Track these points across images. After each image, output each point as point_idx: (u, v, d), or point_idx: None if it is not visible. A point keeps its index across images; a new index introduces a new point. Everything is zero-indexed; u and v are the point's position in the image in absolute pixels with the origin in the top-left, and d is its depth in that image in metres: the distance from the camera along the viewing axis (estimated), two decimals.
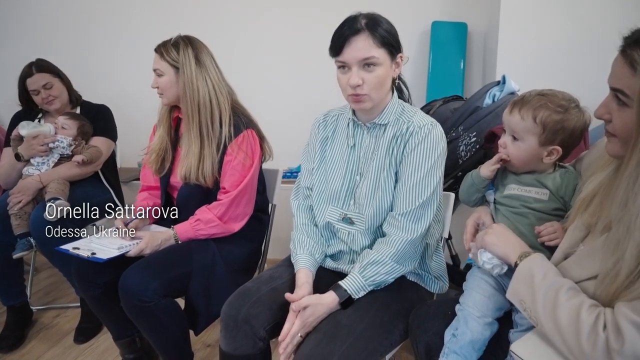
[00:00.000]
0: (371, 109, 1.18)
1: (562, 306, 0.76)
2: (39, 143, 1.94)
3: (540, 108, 1.00)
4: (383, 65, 1.12)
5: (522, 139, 1.04)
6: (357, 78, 1.10)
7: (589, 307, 0.74)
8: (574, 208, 0.93)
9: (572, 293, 0.78)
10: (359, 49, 1.10)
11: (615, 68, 0.76)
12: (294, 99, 2.78)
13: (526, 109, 1.01)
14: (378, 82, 1.12)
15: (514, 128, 1.04)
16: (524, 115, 1.01)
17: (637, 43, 0.72)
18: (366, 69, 1.11)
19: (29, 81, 2.02)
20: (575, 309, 0.75)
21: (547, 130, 1.00)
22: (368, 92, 1.12)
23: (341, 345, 1.02)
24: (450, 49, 2.45)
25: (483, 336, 0.99)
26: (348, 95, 1.15)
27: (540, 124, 1.00)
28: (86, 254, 1.35)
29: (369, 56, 1.09)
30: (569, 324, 0.75)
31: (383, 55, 1.11)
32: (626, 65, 0.73)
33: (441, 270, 1.32)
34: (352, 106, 1.20)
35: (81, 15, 2.95)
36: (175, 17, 2.83)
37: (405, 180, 1.16)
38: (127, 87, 2.94)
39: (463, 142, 1.59)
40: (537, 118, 1.00)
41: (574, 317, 0.74)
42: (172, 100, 1.52)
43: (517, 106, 1.03)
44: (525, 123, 1.02)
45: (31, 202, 1.92)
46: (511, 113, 1.04)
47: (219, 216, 1.47)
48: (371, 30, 1.10)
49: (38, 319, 2.16)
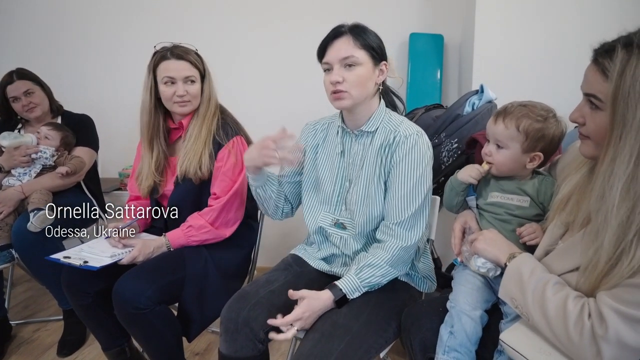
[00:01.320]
0: (353, 109, 1.23)
1: (549, 300, 0.83)
2: (21, 154, 1.91)
3: (522, 117, 1.09)
4: (364, 66, 1.18)
5: (506, 147, 1.12)
6: (337, 75, 1.17)
7: (574, 298, 0.81)
8: (553, 208, 1.01)
9: (558, 287, 0.85)
10: (339, 49, 1.18)
11: (588, 75, 0.84)
12: (277, 107, 2.81)
13: (509, 118, 1.10)
14: (358, 81, 1.18)
15: (498, 137, 1.12)
16: (508, 124, 1.10)
17: (607, 53, 0.80)
18: (347, 68, 1.18)
19: (10, 88, 1.99)
20: (562, 301, 0.81)
21: (529, 138, 1.09)
22: (348, 89, 1.18)
23: (339, 343, 1.06)
24: (428, 59, 2.54)
25: (477, 330, 1.05)
26: (330, 94, 1.21)
27: (523, 132, 1.08)
28: (78, 263, 1.35)
29: (349, 55, 1.17)
30: (557, 315, 0.81)
31: (363, 56, 1.18)
32: (598, 73, 0.81)
33: (429, 270, 1.38)
34: (334, 105, 1.24)
35: (60, 26, 2.90)
36: (159, 27, 2.83)
37: (396, 191, 1.21)
38: (104, 96, 2.91)
39: (445, 149, 1.66)
40: (520, 127, 1.08)
41: (561, 309, 0.81)
42: (195, 107, 1.54)
43: (501, 116, 1.11)
44: (509, 131, 1.10)
45: (12, 214, 1.89)
46: (495, 123, 1.12)
47: (211, 222, 1.49)
48: (353, 34, 1.18)
49: (17, 334, 2.10)
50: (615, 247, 0.76)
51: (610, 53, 0.79)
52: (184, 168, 1.48)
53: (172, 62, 1.47)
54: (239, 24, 2.78)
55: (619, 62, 0.76)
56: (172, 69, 1.47)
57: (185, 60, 1.49)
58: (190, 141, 1.50)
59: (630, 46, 0.77)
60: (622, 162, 0.76)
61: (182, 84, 1.47)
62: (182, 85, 1.47)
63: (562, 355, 0.84)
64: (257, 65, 2.80)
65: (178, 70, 1.47)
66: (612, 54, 0.79)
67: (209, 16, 2.80)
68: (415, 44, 2.55)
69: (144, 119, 1.54)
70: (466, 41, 2.42)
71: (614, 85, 0.77)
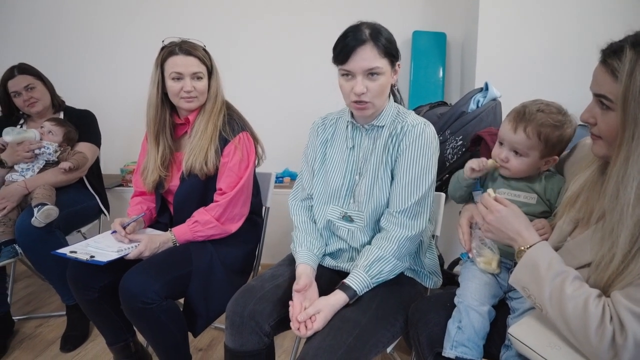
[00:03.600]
0: (372, 114, 1.24)
1: (569, 297, 0.81)
2: (24, 149, 1.91)
3: (544, 126, 1.08)
4: (385, 75, 1.18)
5: (525, 155, 1.11)
6: (361, 86, 1.16)
7: (594, 298, 0.79)
8: (562, 205, 1.01)
9: (577, 284, 0.83)
10: (364, 59, 1.15)
11: (597, 76, 0.85)
12: (278, 106, 2.82)
13: (531, 127, 1.08)
14: (380, 90, 1.19)
15: (517, 146, 1.11)
16: (530, 133, 1.08)
17: (615, 53, 0.81)
18: (370, 77, 1.17)
19: (11, 83, 1.99)
20: (583, 301, 0.79)
21: (549, 145, 1.09)
22: (371, 99, 1.18)
23: (347, 337, 1.06)
24: (431, 57, 2.55)
25: (484, 325, 1.05)
26: (351, 102, 1.21)
27: (544, 141, 1.08)
28: (85, 257, 1.35)
29: (374, 67, 1.15)
30: (576, 315, 0.80)
31: (385, 65, 1.18)
32: (607, 73, 0.82)
33: (434, 266, 1.38)
34: (355, 113, 1.25)
35: (62, 23, 2.91)
36: (161, 25, 2.83)
37: (401, 178, 1.22)
38: (105, 92, 2.91)
39: (450, 146, 1.67)
40: (542, 135, 1.08)
41: (581, 309, 0.79)
42: (202, 103, 1.54)
43: (522, 125, 1.09)
44: (531, 141, 1.09)
45: (16, 209, 1.88)
46: (516, 132, 1.10)
47: (217, 217, 1.49)
48: (375, 41, 1.15)
49: (20, 329, 2.10)
50: (630, 246, 0.77)
51: (618, 53, 0.80)
52: (190, 164, 1.48)
53: (180, 58, 1.47)
54: (243, 20, 2.78)
55: (627, 62, 0.77)
56: (180, 64, 1.47)
57: (194, 56, 1.49)
58: (197, 137, 1.50)
59: (639, 46, 0.77)
60: (636, 161, 0.76)
61: (190, 79, 1.47)
62: (190, 81, 1.47)
63: (571, 348, 0.85)
64: (262, 60, 2.81)
65: (186, 66, 1.47)
66: (621, 54, 0.79)
67: (212, 12, 2.80)
68: (418, 42, 2.56)
69: (150, 114, 1.54)
70: (469, 39, 2.43)
71: (623, 85, 0.77)
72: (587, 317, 0.78)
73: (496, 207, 0.99)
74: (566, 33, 2.12)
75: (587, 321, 0.78)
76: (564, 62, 2.13)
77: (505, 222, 0.98)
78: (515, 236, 0.96)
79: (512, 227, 0.97)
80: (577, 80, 0.92)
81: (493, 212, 0.99)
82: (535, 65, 2.18)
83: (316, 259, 1.31)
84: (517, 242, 0.95)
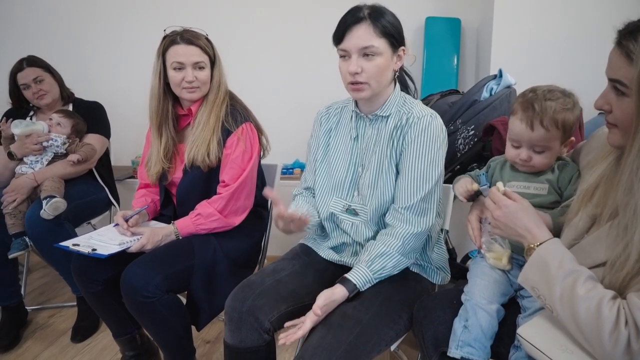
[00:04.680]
0: (371, 99, 1.19)
1: (581, 299, 0.75)
2: (32, 142, 1.92)
3: (558, 113, 1.01)
4: (383, 55, 1.13)
5: (548, 149, 1.04)
6: (355, 66, 1.12)
7: (608, 300, 0.73)
8: (577, 200, 0.93)
9: (590, 284, 0.77)
10: (359, 37, 1.11)
11: (612, 59, 0.78)
12: (289, 96, 2.78)
13: (548, 119, 1.01)
14: (377, 72, 1.13)
15: (539, 142, 1.03)
16: (549, 126, 1.01)
17: (631, 34, 0.74)
18: (366, 57, 1.12)
19: (20, 75, 1.99)
20: (596, 303, 0.74)
21: (567, 130, 1.03)
22: (367, 80, 1.13)
23: (348, 335, 1.03)
24: (444, 44, 2.47)
25: (492, 324, 1.00)
26: (348, 84, 1.16)
27: (562, 128, 1.01)
28: (87, 250, 1.34)
29: (369, 45, 1.11)
30: (589, 317, 0.74)
31: (383, 45, 1.12)
32: (622, 56, 0.75)
33: (442, 261, 1.33)
34: (352, 95, 1.20)
35: (72, 14, 2.91)
36: (170, 15, 2.81)
37: (407, 173, 1.17)
38: (118, 84, 2.91)
39: (461, 136, 1.60)
40: (559, 123, 1.01)
41: (595, 311, 0.73)
42: (204, 93, 1.51)
43: (537, 120, 1.01)
44: (551, 133, 1.02)
45: (25, 201, 1.90)
46: (533, 129, 1.02)
47: (220, 210, 1.47)
48: (373, 20, 1.11)
49: (33, 319, 2.13)
50: None
51: (635, 34, 0.74)
52: (192, 155, 1.45)
53: (182, 47, 1.44)
54: (250, 8, 2.74)
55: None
56: (182, 54, 1.43)
57: (195, 46, 1.45)
58: (199, 128, 1.47)
59: None
60: None
61: (191, 69, 1.44)
62: (191, 71, 1.44)
63: (583, 352, 0.79)
64: (275, 50, 2.76)
65: (187, 56, 1.44)
66: (637, 34, 0.73)
67: (220, 1, 2.76)
68: (431, 29, 2.47)
69: (152, 105, 1.52)
70: (484, 25, 2.34)
71: (639, 69, 0.71)
72: (600, 321, 0.72)
73: (504, 202, 0.94)
74: (587, 16, 2.01)
75: (600, 325, 0.72)
76: (584, 47, 2.03)
77: (514, 217, 0.92)
78: (524, 233, 0.90)
79: (521, 223, 0.91)
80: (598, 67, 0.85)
81: (501, 207, 0.94)
82: (554, 51, 2.08)
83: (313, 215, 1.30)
84: (527, 239, 0.90)
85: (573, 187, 1.03)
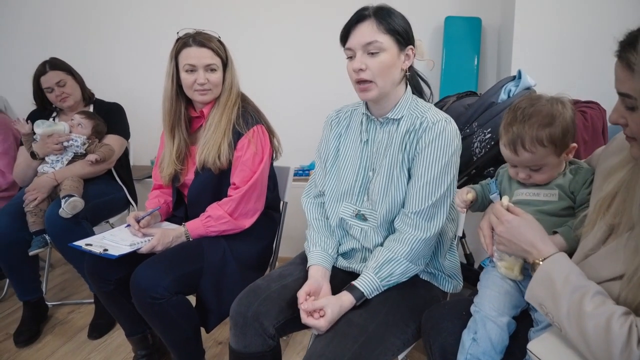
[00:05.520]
0: (380, 100, 1.17)
1: (588, 315, 0.72)
2: (53, 142, 1.96)
3: (539, 131, 0.95)
4: (388, 52, 1.11)
5: (542, 165, 0.99)
6: (359, 62, 1.10)
7: (619, 316, 0.69)
8: (594, 210, 0.88)
9: (599, 299, 0.73)
10: (362, 34, 1.11)
11: (617, 73, 0.75)
12: (306, 97, 2.76)
13: (529, 142, 0.95)
14: (382, 68, 1.11)
15: (529, 164, 0.99)
16: (531, 148, 0.96)
17: (630, 45, 0.71)
18: (370, 55, 1.11)
19: (43, 79, 2.04)
20: (605, 320, 0.70)
21: (557, 143, 0.96)
22: (372, 78, 1.11)
23: (352, 344, 1.00)
24: (464, 44, 2.40)
25: (503, 338, 0.96)
26: (355, 84, 1.15)
27: (550, 143, 0.95)
28: (98, 250, 1.36)
29: (372, 40, 1.09)
30: (598, 335, 0.70)
31: (388, 41, 1.10)
32: (625, 69, 0.72)
33: (455, 269, 1.29)
34: (360, 97, 1.18)
35: (93, 16, 2.98)
36: (186, 15, 2.84)
37: (419, 178, 1.14)
38: (139, 85, 2.96)
39: (477, 139, 1.55)
40: (544, 141, 0.95)
41: (604, 328, 0.70)
42: (216, 96, 1.52)
43: (519, 145, 0.96)
44: (538, 154, 0.96)
45: (46, 200, 1.94)
46: (518, 154, 0.97)
47: (230, 212, 1.47)
48: (377, 17, 1.10)
49: (53, 314, 2.19)
50: None
51: (634, 44, 0.70)
52: (203, 158, 1.46)
53: (194, 50, 1.44)
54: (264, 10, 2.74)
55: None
56: (194, 56, 1.44)
57: (207, 48, 1.46)
58: (210, 130, 1.47)
59: None
60: None
61: (203, 71, 1.45)
62: (203, 73, 1.45)
63: None
64: (291, 51, 2.76)
65: (199, 58, 1.44)
66: (636, 44, 0.69)
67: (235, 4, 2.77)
68: (451, 28, 2.42)
69: (165, 107, 1.53)
70: (506, 24, 2.27)
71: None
72: (610, 338, 0.68)
73: (507, 217, 0.91)
74: (611, 16, 1.92)
75: (610, 343, 0.68)
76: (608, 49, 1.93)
77: (517, 233, 0.89)
78: (529, 248, 0.87)
79: (524, 239, 0.88)
80: None
81: (503, 222, 0.91)
82: (577, 52, 1.99)
83: (330, 259, 1.26)
84: (532, 255, 0.87)
85: (586, 191, 0.98)
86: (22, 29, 3.07)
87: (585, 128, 1.42)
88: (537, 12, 2.03)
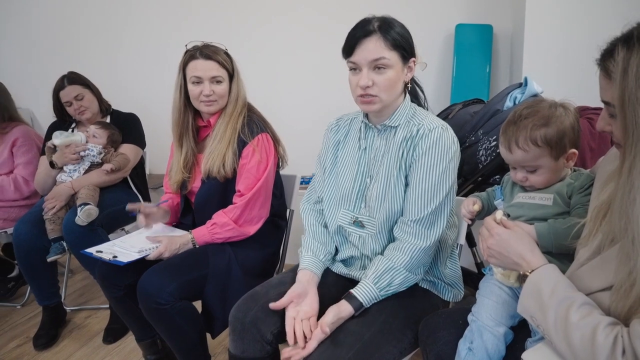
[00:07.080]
0: (380, 111, 1.17)
1: (574, 326, 0.71)
2: (70, 152, 2.04)
3: (533, 130, 0.96)
4: (394, 68, 1.11)
5: (538, 167, 0.99)
6: (366, 79, 1.10)
7: (605, 327, 0.69)
8: (592, 219, 0.87)
9: (585, 310, 0.72)
10: (369, 51, 1.10)
11: (600, 82, 0.75)
12: (315, 107, 2.79)
13: (522, 139, 0.96)
14: (388, 85, 1.12)
15: (523, 163, 1.00)
16: (524, 146, 0.97)
17: (609, 53, 0.71)
18: (377, 70, 1.11)
19: (62, 94, 2.13)
20: (591, 330, 0.69)
21: (553, 145, 0.96)
22: (378, 93, 1.12)
23: (347, 352, 1.01)
24: (475, 52, 2.39)
25: (499, 348, 0.95)
26: (357, 97, 1.15)
27: (544, 144, 0.96)
28: (108, 257, 1.40)
29: (379, 57, 1.09)
30: (583, 346, 0.70)
31: (394, 57, 1.11)
32: (605, 77, 0.73)
33: (456, 277, 1.28)
34: (361, 108, 1.19)
35: (109, 28, 3.09)
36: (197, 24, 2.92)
37: (416, 186, 1.14)
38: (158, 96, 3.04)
39: (483, 147, 1.54)
40: (538, 140, 0.96)
41: (589, 339, 0.69)
42: (222, 106, 1.56)
43: (512, 142, 0.98)
44: (531, 153, 0.97)
45: (64, 208, 2.02)
46: (512, 151, 0.99)
47: (234, 219, 1.50)
48: (383, 33, 1.10)
49: (71, 319, 2.25)
50: None
51: (612, 53, 0.70)
52: (208, 167, 1.50)
53: (200, 62, 1.49)
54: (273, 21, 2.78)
55: (620, 61, 0.68)
56: (200, 68, 1.48)
57: (213, 60, 1.50)
58: (216, 140, 1.51)
59: (630, 41, 0.67)
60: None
61: (209, 83, 1.49)
62: (209, 85, 1.49)
63: None
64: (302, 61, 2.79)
65: (205, 70, 1.48)
66: (614, 53, 0.70)
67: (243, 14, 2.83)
68: (462, 36, 2.41)
69: (174, 117, 1.58)
70: (517, 32, 2.25)
71: (618, 87, 0.68)
72: (595, 349, 0.67)
73: (496, 229, 0.91)
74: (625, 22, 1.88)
75: (595, 353, 0.67)
76: None
77: (507, 245, 0.89)
78: (518, 260, 0.87)
79: (514, 251, 0.88)
80: None
81: (493, 235, 0.91)
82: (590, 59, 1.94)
83: (321, 265, 1.26)
84: (522, 267, 0.86)
85: (581, 194, 0.97)
86: (45, 44, 3.22)
87: (592, 135, 1.39)
88: (547, 19, 2.01)
